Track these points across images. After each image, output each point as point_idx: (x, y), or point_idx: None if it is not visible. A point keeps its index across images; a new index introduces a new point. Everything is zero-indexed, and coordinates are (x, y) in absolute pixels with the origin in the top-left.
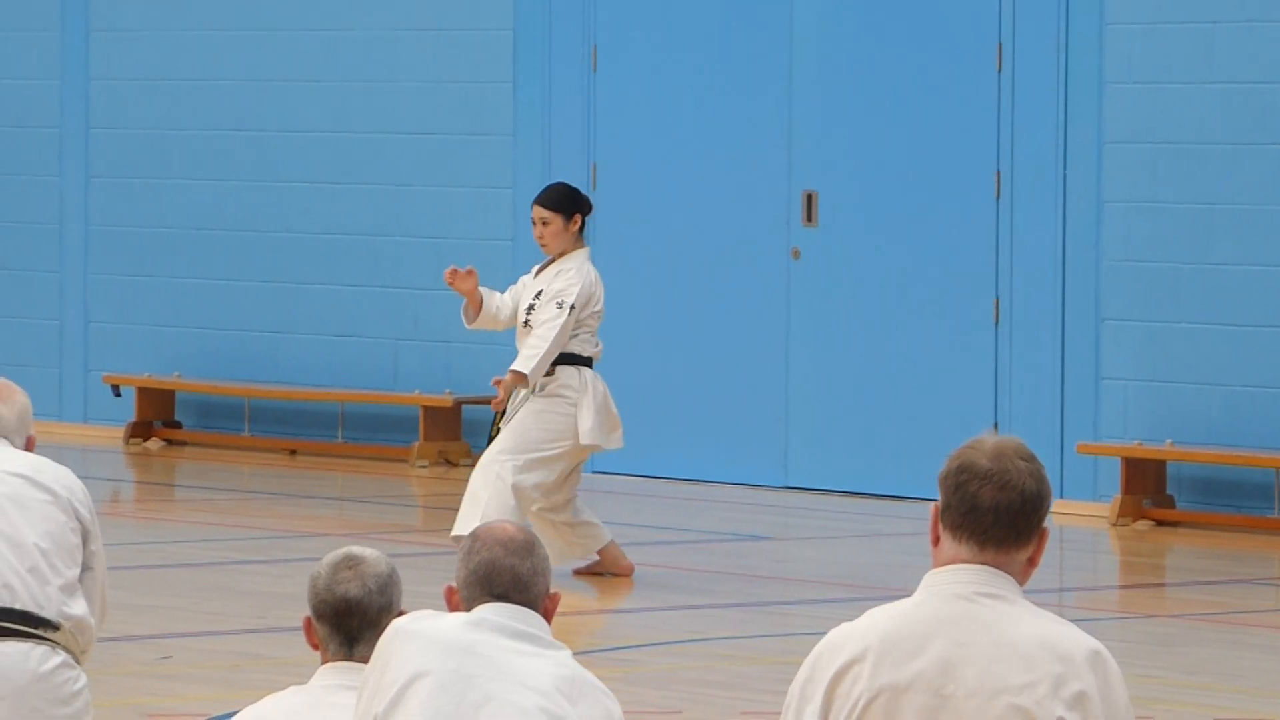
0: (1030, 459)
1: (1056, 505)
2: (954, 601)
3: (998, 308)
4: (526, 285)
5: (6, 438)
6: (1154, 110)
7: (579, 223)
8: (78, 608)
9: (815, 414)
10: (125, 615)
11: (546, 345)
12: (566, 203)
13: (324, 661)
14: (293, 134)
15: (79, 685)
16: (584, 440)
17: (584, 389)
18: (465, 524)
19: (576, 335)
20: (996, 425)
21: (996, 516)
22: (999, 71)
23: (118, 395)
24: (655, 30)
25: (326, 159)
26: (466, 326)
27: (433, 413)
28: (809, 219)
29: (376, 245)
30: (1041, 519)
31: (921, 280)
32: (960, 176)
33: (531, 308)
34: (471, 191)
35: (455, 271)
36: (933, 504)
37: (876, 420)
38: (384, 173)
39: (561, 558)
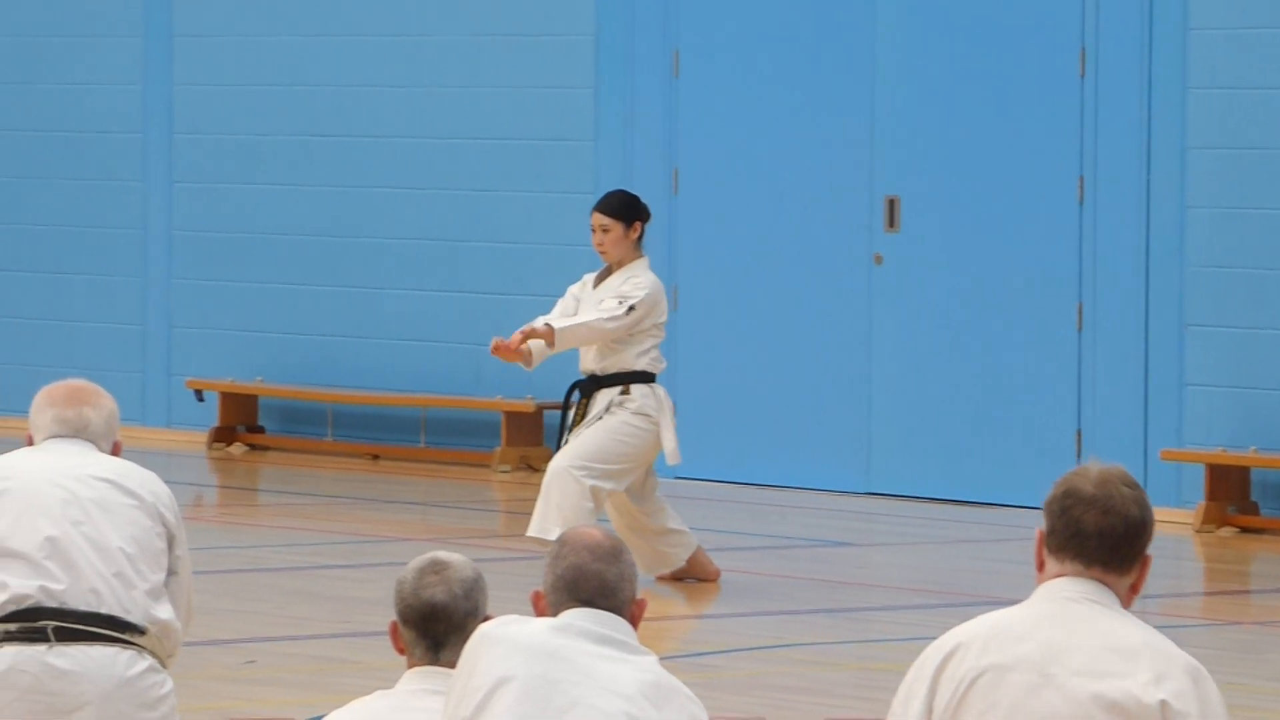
0: (1134, 486)
1: None
2: (1062, 603)
3: (1081, 313)
4: (582, 297)
5: (93, 442)
6: (1238, 115)
7: (639, 230)
8: (163, 612)
9: (897, 420)
10: (209, 620)
11: (591, 321)
12: (627, 210)
13: (409, 666)
14: (375, 139)
15: (165, 689)
16: (671, 461)
17: (661, 408)
18: (541, 525)
19: (646, 351)
20: (1080, 431)
21: (1100, 540)
22: (1082, 76)
23: (201, 400)
24: (737, 35)
25: (409, 164)
26: (527, 370)
27: (515, 418)
28: (891, 224)
29: (458, 250)
30: (1145, 545)
31: (1004, 286)
32: (1043, 181)
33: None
34: (553, 197)
35: (499, 346)
36: (1037, 529)
37: (959, 426)
38: (466, 178)
39: (651, 569)
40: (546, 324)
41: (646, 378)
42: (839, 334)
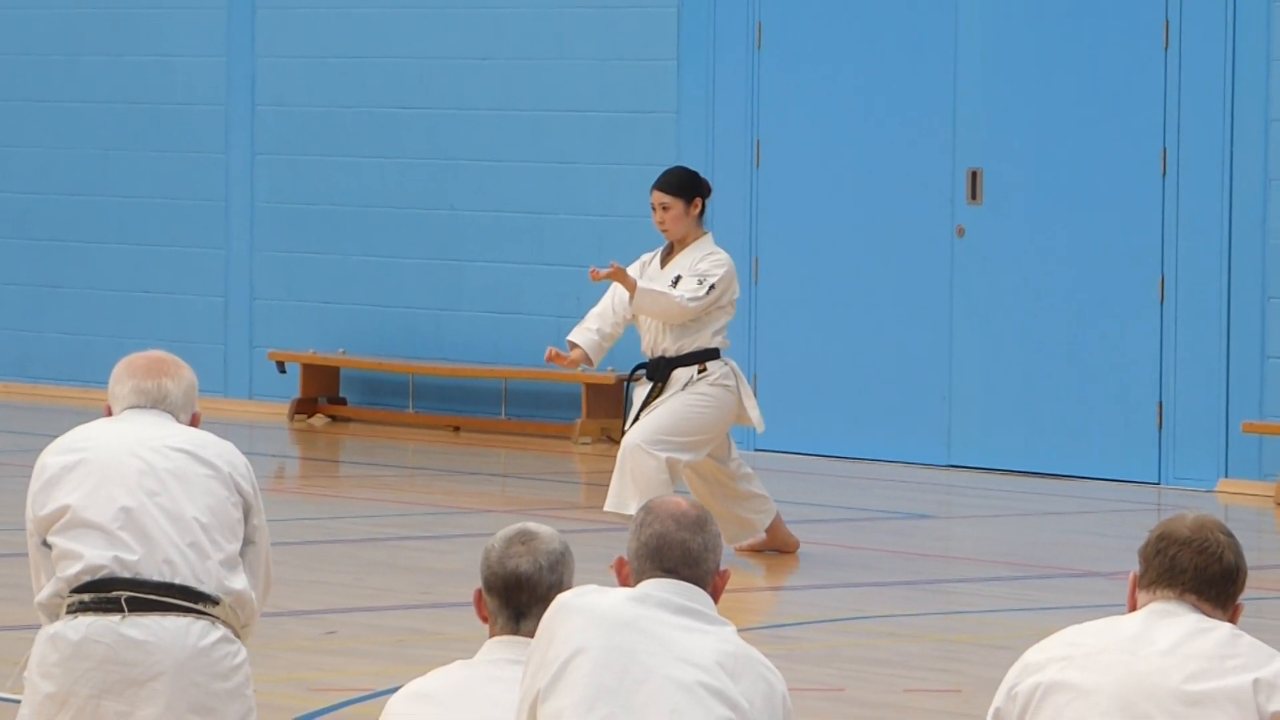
0: (1229, 535)
1: (1222, 485)
2: (1155, 608)
3: (1163, 286)
4: (647, 279)
5: (172, 413)
6: None
7: (700, 206)
8: (238, 582)
9: (978, 392)
10: (289, 590)
11: (674, 295)
12: (687, 187)
13: (491, 635)
14: (459, 112)
15: (239, 659)
16: (760, 428)
17: (738, 378)
18: (618, 500)
19: (719, 330)
20: (1161, 404)
21: (1195, 575)
22: (1165, 49)
23: (283, 372)
24: (820, 7)
25: (492, 137)
26: (590, 368)
27: (595, 390)
28: (973, 196)
29: (541, 223)
30: (1238, 592)
31: (1086, 258)
32: (1126, 154)
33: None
34: (636, 169)
35: (555, 355)
36: (1130, 573)
37: (1040, 399)
38: (549, 150)
39: (733, 537)
40: (631, 279)
41: (716, 355)
42: (920, 306)
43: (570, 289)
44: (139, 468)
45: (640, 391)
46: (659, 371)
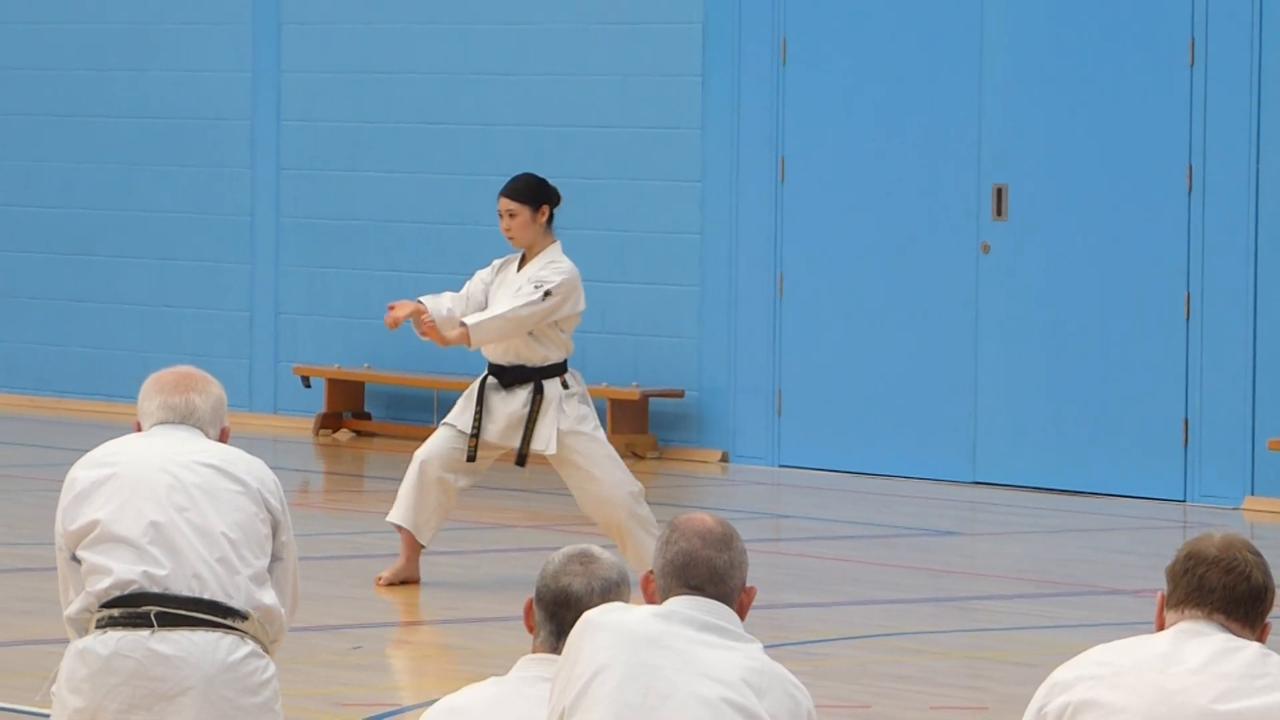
0: (1257, 554)
1: (1248, 502)
2: (1183, 628)
3: (1189, 303)
4: (497, 282)
5: (201, 429)
6: None
7: (546, 214)
8: (267, 597)
9: (1004, 409)
10: (315, 606)
11: (506, 312)
12: (534, 194)
13: (534, 647)
14: (482, 127)
15: (268, 674)
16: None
17: (583, 384)
18: (644, 556)
19: (567, 336)
20: (1187, 421)
21: (1224, 594)
22: (1191, 65)
23: (308, 386)
24: (845, 23)
25: (516, 152)
26: (423, 339)
27: (620, 406)
28: (999, 213)
29: (563, 238)
30: (1266, 610)
31: (1112, 275)
32: (1151, 170)
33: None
34: (660, 185)
35: (393, 317)
36: (1159, 593)
37: (1065, 416)
38: (572, 166)
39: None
40: (461, 324)
41: (565, 367)
42: (945, 323)
43: (593, 304)
44: (168, 483)
45: (502, 399)
46: (522, 378)
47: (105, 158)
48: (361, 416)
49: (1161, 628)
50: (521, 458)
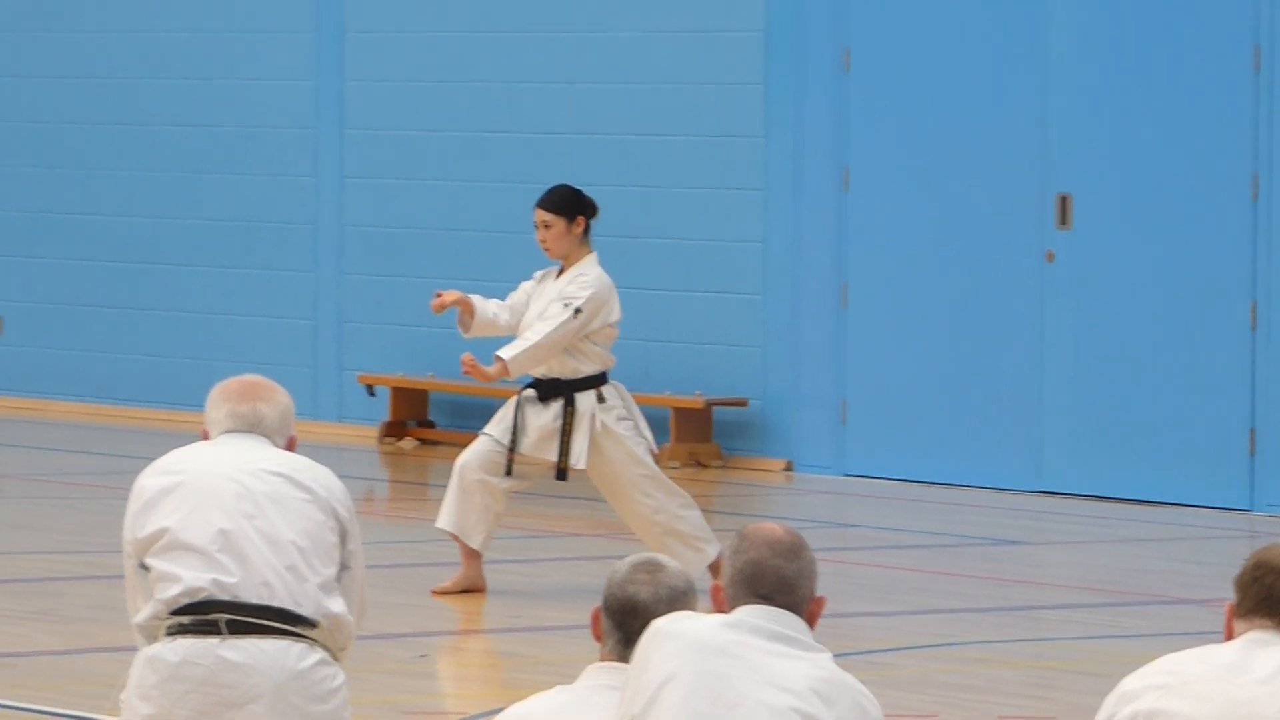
0: None
1: None
2: (1252, 637)
3: (1254, 311)
4: (537, 293)
5: (268, 437)
6: None
7: (582, 225)
8: (335, 605)
9: (1069, 418)
10: (380, 614)
11: (538, 339)
12: (568, 205)
13: (601, 656)
14: (544, 135)
15: (337, 683)
16: (654, 450)
17: (627, 399)
18: (705, 557)
19: (604, 350)
20: (1253, 430)
21: None
22: (1256, 72)
23: (372, 395)
24: (908, 31)
25: (577, 160)
26: (464, 336)
27: (683, 414)
28: (1063, 222)
29: (627, 247)
30: None
31: (1176, 283)
32: (1216, 179)
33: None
34: (722, 193)
35: (440, 300)
36: (1226, 603)
37: (1131, 424)
38: (635, 174)
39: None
40: (498, 358)
41: (605, 378)
42: (1010, 332)
43: (656, 313)
44: (236, 491)
45: (536, 412)
46: (556, 392)
47: (168, 166)
48: (425, 424)
49: (1230, 637)
50: (561, 472)
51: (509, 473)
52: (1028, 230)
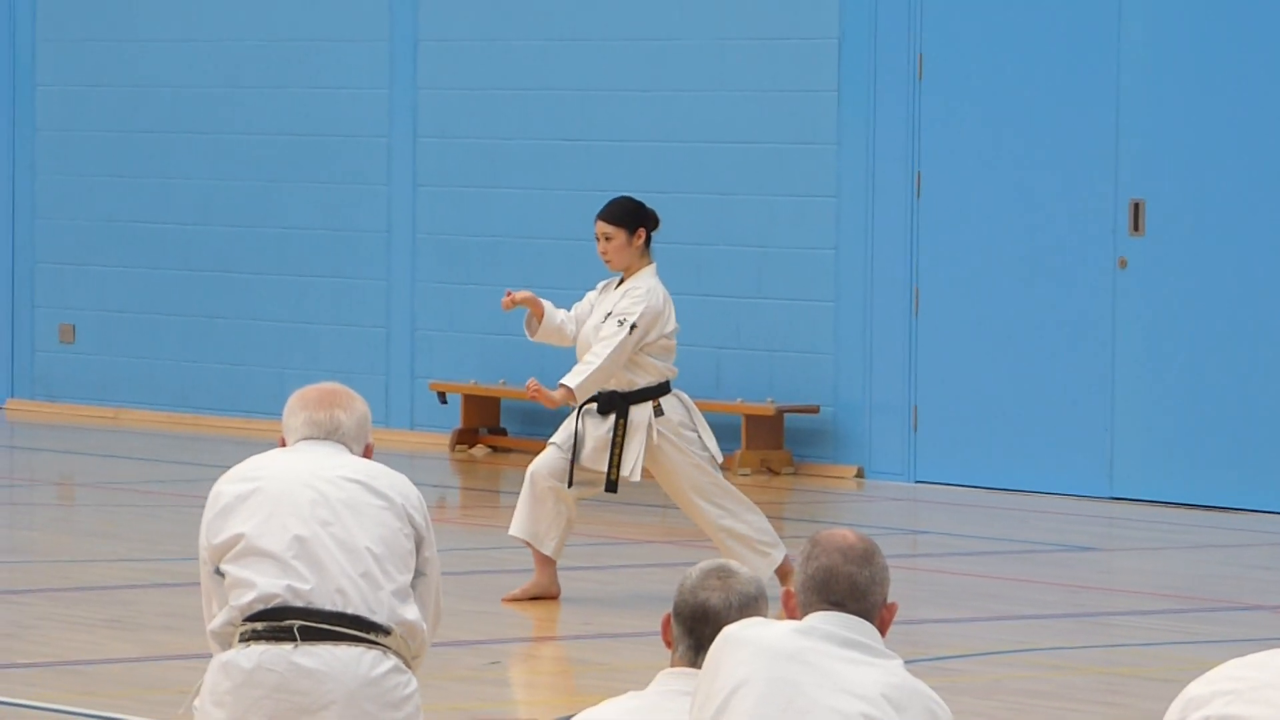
0: None
1: None
2: None
3: None
4: (595, 304)
5: (345, 444)
6: None
7: (643, 237)
8: (410, 612)
9: (1141, 424)
10: (453, 621)
11: (599, 362)
12: (629, 217)
13: (672, 662)
14: (618, 143)
15: (410, 690)
16: (719, 458)
17: (691, 409)
18: (765, 568)
19: (667, 363)
20: None
21: None
22: None
23: (444, 402)
24: (981, 38)
25: (651, 168)
26: (530, 339)
27: (755, 421)
28: (1136, 228)
29: (699, 254)
30: None
31: (1249, 289)
32: None
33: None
34: (795, 200)
35: (510, 298)
36: None
37: (1203, 430)
38: (708, 181)
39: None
40: (563, 386)
41: (668, 388)
42: (1082, 338)
43: (729, 320)
44: (312, 498)
45: (594, 423)
46: (611, 405)
47: (243, 175)
48: (497, 432)
49: None
50: (610, 483)
51: (571, 483)
52: (1100, 236)
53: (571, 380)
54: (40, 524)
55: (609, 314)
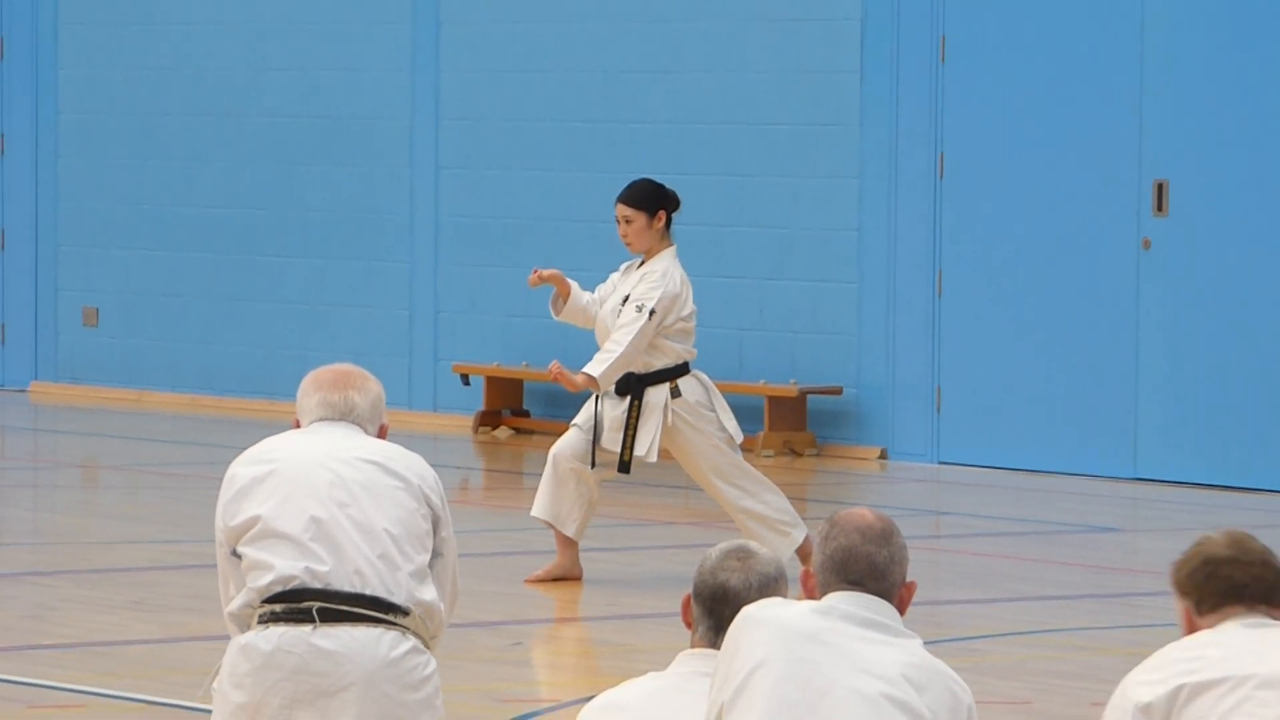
0: (1257, 540)
1: None
2: (1245, 622)
3: None
4: (616, 286)
5: (360, 425)
6: None
7: (663, 219)
8: (427, 593)
9: (1165, 405)
10: (475, 602)
11: (621, 350)
12: (650, 200)
13: (692, 643)
14: (641, 125)
15: (429, 670)
16: (739, 439)
17: (710, 389)
18: (785, 548)
19: (685, 345)
20: None
21: (1256, 584)
22: None
23: (467, 384)
24: (1004, 19)
25: (674, 149)
26: (555, 318)
27: (778, 403)
28: (1159, 208)
29: (722, 235)
30: None
31: (1275, 269)
32: None
33: (619, 311)
34: (818, 182)
35: (538, 275)
36: (1181, 608)
37: (1227, 411)
38: (731, 163)
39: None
40: (585, 375)
41: (686, 369)
42: (1106, 318)
43: (752, 302)
44: (328, 479)
45: (612, 405)
46: (628, 387)
47: (265, 157)
48: (520, 414)
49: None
50: (624, 465)
51: (593, 464)
52: (1124, 217)
53: (594, 369)
54: (64, 506)
55: (626, 297)
